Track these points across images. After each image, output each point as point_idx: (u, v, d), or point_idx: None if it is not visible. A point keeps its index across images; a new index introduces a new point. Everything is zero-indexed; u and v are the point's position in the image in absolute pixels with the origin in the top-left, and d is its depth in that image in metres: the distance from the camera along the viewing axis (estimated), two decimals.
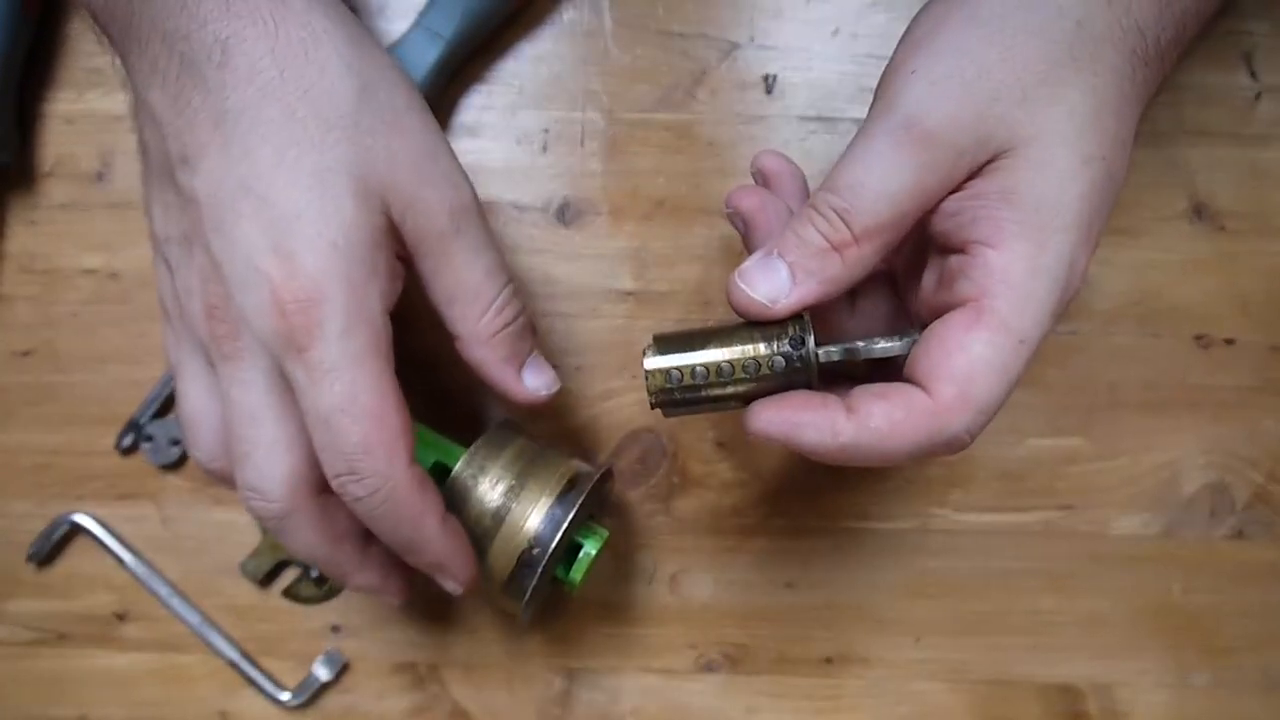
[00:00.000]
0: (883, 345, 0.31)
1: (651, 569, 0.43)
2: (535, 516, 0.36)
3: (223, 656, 0.43)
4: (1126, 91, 0.30)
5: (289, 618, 0.44)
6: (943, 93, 0.29)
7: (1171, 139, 0.43)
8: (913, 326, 0.33)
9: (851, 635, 0.43)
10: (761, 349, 0.31)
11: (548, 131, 0.43)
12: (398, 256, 0.32)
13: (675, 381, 0.32)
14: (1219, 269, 0.43)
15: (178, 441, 0.43)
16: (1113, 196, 0.30)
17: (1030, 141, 0.29)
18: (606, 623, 0.43)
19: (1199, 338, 0.43)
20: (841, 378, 0.33)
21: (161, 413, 0.43)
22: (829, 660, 0.43)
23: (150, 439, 0.43)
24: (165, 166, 0.32)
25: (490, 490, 0.36)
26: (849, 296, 0.34)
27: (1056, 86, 0.29)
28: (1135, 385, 0.43)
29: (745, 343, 0.31)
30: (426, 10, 0.41)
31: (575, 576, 0.37)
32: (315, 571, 0.43)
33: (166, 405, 0.44)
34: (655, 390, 0.32)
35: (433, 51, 0.41)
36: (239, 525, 0.44)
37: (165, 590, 0.43)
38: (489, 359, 0.34)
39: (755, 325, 0.32)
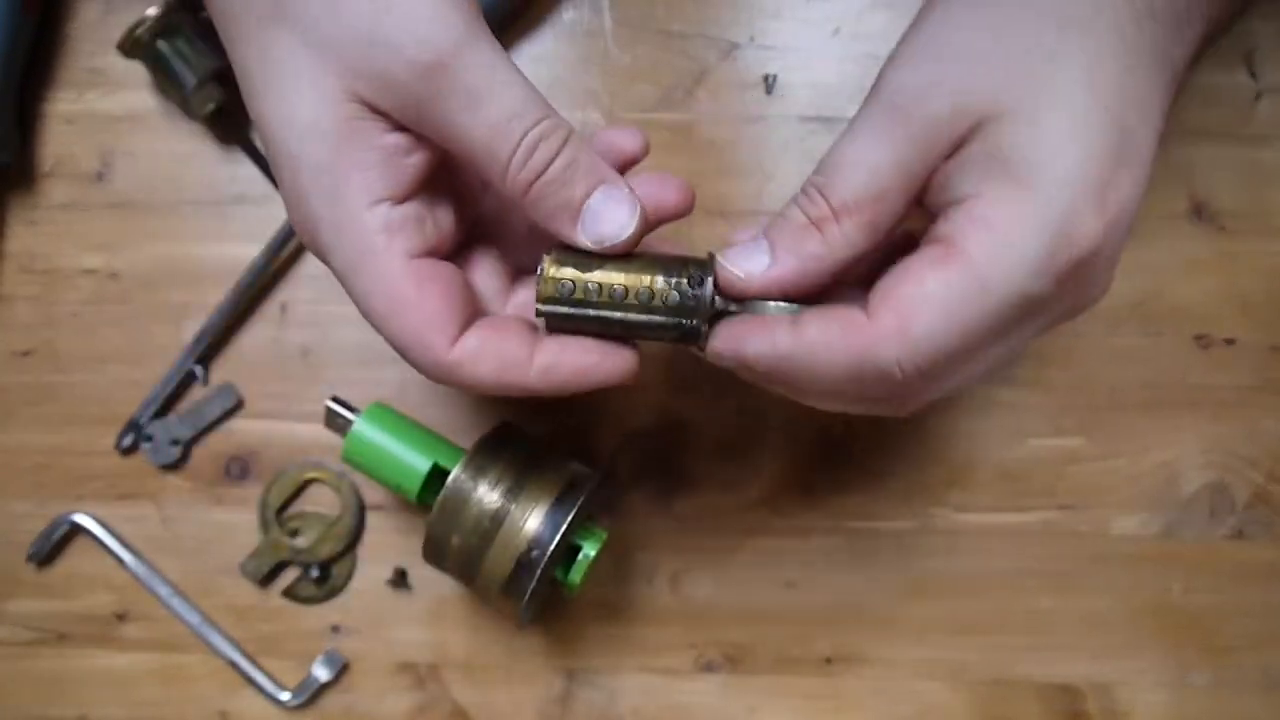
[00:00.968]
0: (775, 305, 0.30)
1: (651, 569, 0.43)
2: (534, 519, 0.36)
3: (223, 656, 0.43)
4: (1132, 46, 0.29)
5: (289, 618, 0.44)
6: (918, 66, 0.30)
7: (1171, 139, 0.42)
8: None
9: (851, 635, 0.43)
10: (659, 281, 0.30)
11: None
12: (402, 128, 0.29)
13: (565, 293, 0.30)
14: (1219, 269, 0.43)
15: (178, 441, 0.43)
16: (1134, 155, 0.29)
17: (1017, 103, 0.28)
18: (606, 623, 0.43)
19: (1199, 338, 0.43)
20: None
21: (161, 413, 0.43)
22: (829, 660, 0.43)
23: (150, 439, 0.43)
24: None
25: (489, 492, 0.36)
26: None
27: (1044, 49, 0.29)
28: (1135, 385, 0.43)
29: (646, 272, 0.30)
30: None
31: (574, 578, 0.38)
32: (315, 571, 0.43)
33: (166, 405, 0.44)
34: (544, 298, 0.31)
35: None
36: (239, 525, 0.44)
37: (165, 590, 0.43)
38: (537, 218, 0.30)
39: (662, 259, 0.31)
